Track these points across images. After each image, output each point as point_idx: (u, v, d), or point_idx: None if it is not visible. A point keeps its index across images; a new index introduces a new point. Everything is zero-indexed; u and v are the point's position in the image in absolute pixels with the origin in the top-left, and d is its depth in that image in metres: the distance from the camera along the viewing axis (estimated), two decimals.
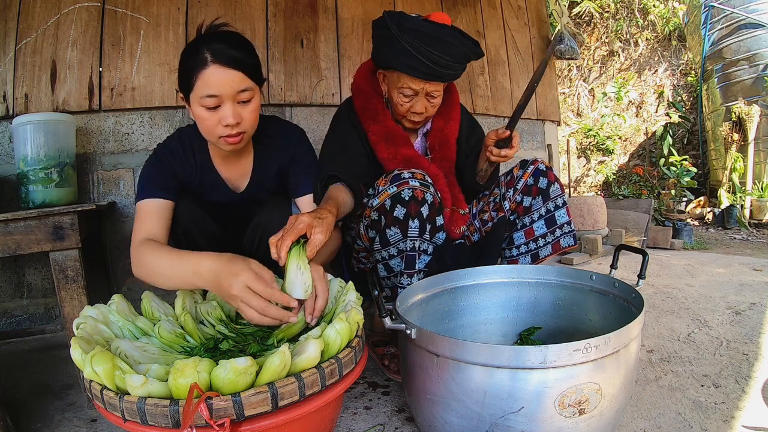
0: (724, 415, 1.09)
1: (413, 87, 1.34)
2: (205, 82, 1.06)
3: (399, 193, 1.20)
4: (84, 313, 0.96)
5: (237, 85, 1.08)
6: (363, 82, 1.48)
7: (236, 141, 1.14)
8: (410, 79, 1.33)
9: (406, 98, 1.37)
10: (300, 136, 1.36)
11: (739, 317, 1.73)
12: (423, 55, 1.27)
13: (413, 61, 1.28)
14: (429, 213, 1.22)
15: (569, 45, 3.45)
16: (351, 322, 0.88)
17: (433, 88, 1.36)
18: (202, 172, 1.29)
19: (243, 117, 1.12)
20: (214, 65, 1.05)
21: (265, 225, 1.25)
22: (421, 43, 1.26)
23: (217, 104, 1.08)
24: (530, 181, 1.41)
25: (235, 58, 1.07)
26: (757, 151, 4.82)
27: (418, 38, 1.27)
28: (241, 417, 0.71)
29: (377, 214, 1.25)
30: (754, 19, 4.86)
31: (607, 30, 7.19)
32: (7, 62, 1.86)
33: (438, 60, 1.28)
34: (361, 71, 1.52)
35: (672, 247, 3.27)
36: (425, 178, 1.24)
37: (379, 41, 1.38)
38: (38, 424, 1.19)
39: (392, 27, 1.29)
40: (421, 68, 1.29)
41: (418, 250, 1.26)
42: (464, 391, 0.85)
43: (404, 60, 1.29)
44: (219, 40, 1.08)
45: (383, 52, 1.36)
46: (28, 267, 1.97)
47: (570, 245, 1.40)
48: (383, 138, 1.41)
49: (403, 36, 1.27)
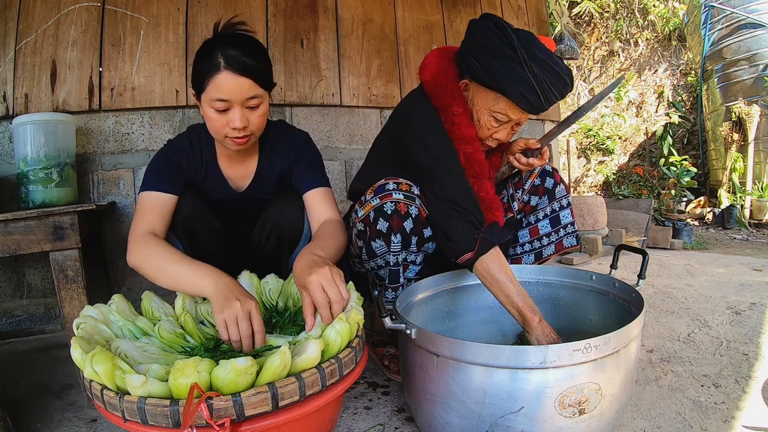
0: (724, 415, 1.09)
1: (511, 116, 1.20)
2: (216, 87, 1.08)
3: (381, 206, 1.18)
4: (84, 313, 0.96)
5: (247, 92, 1.10)
6: (453, 86, 1.23)
7: (242, 142, 1.17)
8: (512, 107, 1.17)
9: (497, 123, 1.22)
10: (305, 141, 1.36)
11: (739, 317, 1.73)
12: (543, 91, 1.13)
13: (531, 94, 1.13)
14: (414, 227, 1.20)
15: (569, 45, 3.45)
16: (351, 322, 0.88)
17: (524, 119, 1.24)
18: (207, 170, 1.30)
19: (251, 121, 1.14)
20: (227, 71, 1.07)
21: (274, 220, 1.26)
22: (546, 78, 1.12)
23: (226, 108, 1.11)
24: (537, 182, 1.41)
25: (247, 66, 1.08)
26: (757, 151, 4.82)
27: (545, 71, 1.12)
28: (242, 417, 0.71)
29: (363, 225, 1.23)
30: (754, 19, 4.86)
31: (607, 30, 7.19)
32: (7, 62, 1.86)
33: (552, 98, 1.15)
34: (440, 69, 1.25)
35: (672, 247, 3.27)
36: (411, 190, 1.19)
37: (489, 55, 1.15)
38: (38, 424, 1.19)
39: (520, 50, 1.10)
40: (533, 101, 1.14)
41: (404, 263, 1.25)
42: (464, 391, 0.85)
43: (521, 89, 1.12)
44: (234, 45, 1.09)
45: (494, 70, 1.14)
46: (28, 267, 1.97)
47: (572, 245, 1.41)
48: (472, 165, 1.20)
49: (531, 65, 1.11)
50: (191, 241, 1.24)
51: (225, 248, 1.32)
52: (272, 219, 1.26)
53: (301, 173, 1.31)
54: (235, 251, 1.38)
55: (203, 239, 1.24)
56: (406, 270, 1.28)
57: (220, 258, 1.27)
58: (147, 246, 1.07)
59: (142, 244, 1.08)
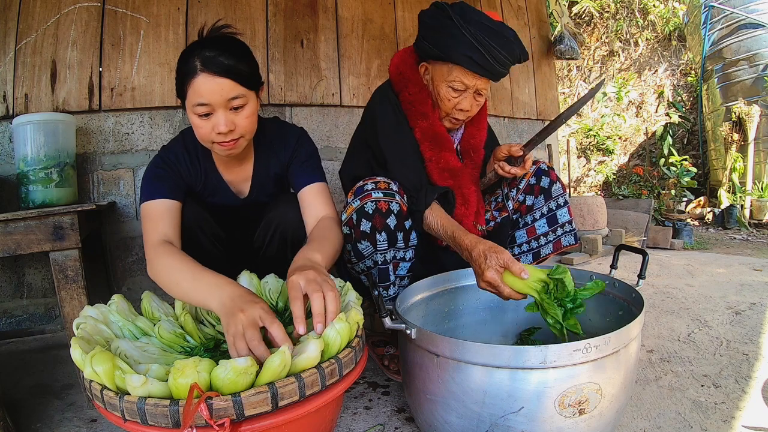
0: (724, 415, 1.09)
1: (465, 82, 1.29)
2: (195, 91, 1.05)
3: (362, 207, 1.20)
4: (84, 313, 0.96)
5: (227, 93, 1.06)
6: (410, 72, 1.38)
7: (231, 146, 1.13)
8: (465, 72, 1.28)
9: (455, 93, 1.31)
10: (299, 137, 1.33)
11: (739, 317, 1.73)
12: (485, 49, 1.23)
13: (474, 53, 1.24)
14: (397, 222, 1.21)
15: (569, 45, 3.45)
16: (351, 322, 0.88)
17: (483, 86, 1.32)
18: (207, 178, 1.28)
19: (237, 123, 1.10)
20: (203, 74, 1.03)
21: (278, 222, 1.24)
22: (485, 36, 1.23)
23: (208, 112, 1.07)
24: (532, 181, 1.41)
25: (224, 65, 1.04)
26: (757, 151, 4.82)
27: (482, 31, 1.23)
28: (241, 417, 0.71)
29: (348, 228, 1.24)
30: (754, 19, 4.86)
31: (607, 30, 7.19)
32: (7, 62, 1.86)
33: (497, 56, 1.25)
34: (403, 59, 1.41)
35: (672, 247, 3.27)
36: (389, 187, 1.22)
37: (434, 31, 1.29)
38: (38, 424, 1.19)
39: (455, 16, 1.24)
40: (481, 62, 1.25)
41: (393, 261, 1.25)
42: (464, 391, 0.85)
43: (464, 51, 1.24)
44: (210, 46, 1.06)
45: (440, 42, 1.27)
46: (28, 267, 1.97)
47: (571, 244, 1.41)
48: (430, 137, 1.36)
49: (467, 26, 1.23)
50: (193, 248, 1.21)
51: (227, 253, 1.31)
52: (276, 221, 1.25)
53: (296, 170, 1.28)
54: (238, 255, 1.36)
55: (206, 246, 1.23)
56: (397, 268, 1.28)
57: (223, 263, 1.26)
58: (160, 257, 1.03)
59: (157, 256, 1.04)
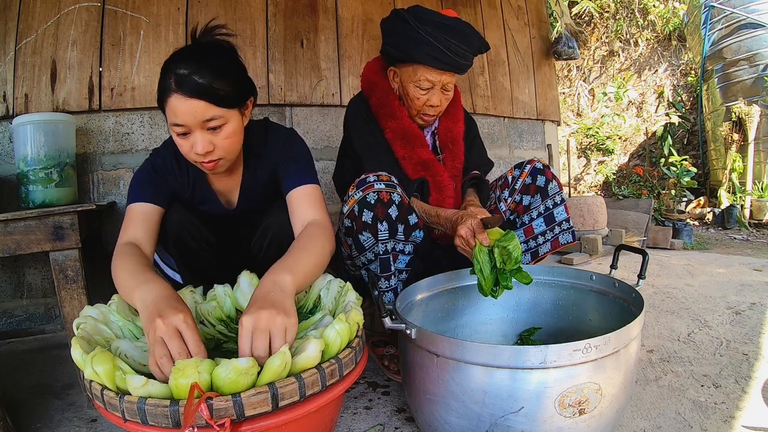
0: (724, 415, 1.09)
1: (430, 79, 1.37)
2: (171, 111, 1.01)
3: (365, 197, 1.21)
4: (84, 313, 0.96)
5: (201, 115, 1.00)
6: (377, 77, 1.49)
7: (211, 167, 1.09)
8: (428, 70, 1.35)
9: (423, 91, 1.39)
10: (286, 138, 1.27)
11: (739, 317, 1.73)
12: (443, 45, 1.31)
13: (433, 51, 1.32)
14: (399, 213, 1.22)
15: (569, 45, 3.45)
16: (351, 323, 0.88)
17: (449, 80, 1.39)
18: (196, 186, 1.25)
19: (215, 144, 1.05)
20: (176, 94, 0.99)
21: (274, 231, 1.21)
22: (440, 33, 1.31)
23: (186, 131, 1.03)
24: (528, 180, 1.41)
25: (197, 86, 0.98)
26: (757, 151, 4.82)
27: (437, 29, 1.31)
28: (242, 417, 0.71)
29: (349, 220, 1.24)
30: (754, 19, 4.86)
31: (607, 30, 7.19)
32: (7, 62, 1.86)
33: (456, 49, 1.33)
34: (371, 68, 1.52)
35: (672, 247, 3.27)
36: (391, 180, 1.23)
37: (394, 36, 1.39)
38: (38, 424, 1.19)
39: (410, 19, 1.33)
40: (441, 57, 1.33)
41: (393, 252, 1.25)
42: (464, 391, 0.85)
43: (424, 50, 1.32)
44: (186, 60, 1.00)
45: (400, 45, 1.37)
46: (28, 267, 1.97)
47: (568, 242, 1.41)
48: (400, 136, 1.43)
49: (423, 27, 1.31)
50: (183, 255, 1.21)
51: (219, 258, 1.28)
52: (272, 229, 1.22)
53: (283, 172, 1.22)
54: (231, 261, 1.33)
55: (195, 250, 1.21)
56: (396, 260, 1.28)
57: (215, 269, 1.25)
58: (116, 257, 1.01)
59: (115, 256, 1.02)
